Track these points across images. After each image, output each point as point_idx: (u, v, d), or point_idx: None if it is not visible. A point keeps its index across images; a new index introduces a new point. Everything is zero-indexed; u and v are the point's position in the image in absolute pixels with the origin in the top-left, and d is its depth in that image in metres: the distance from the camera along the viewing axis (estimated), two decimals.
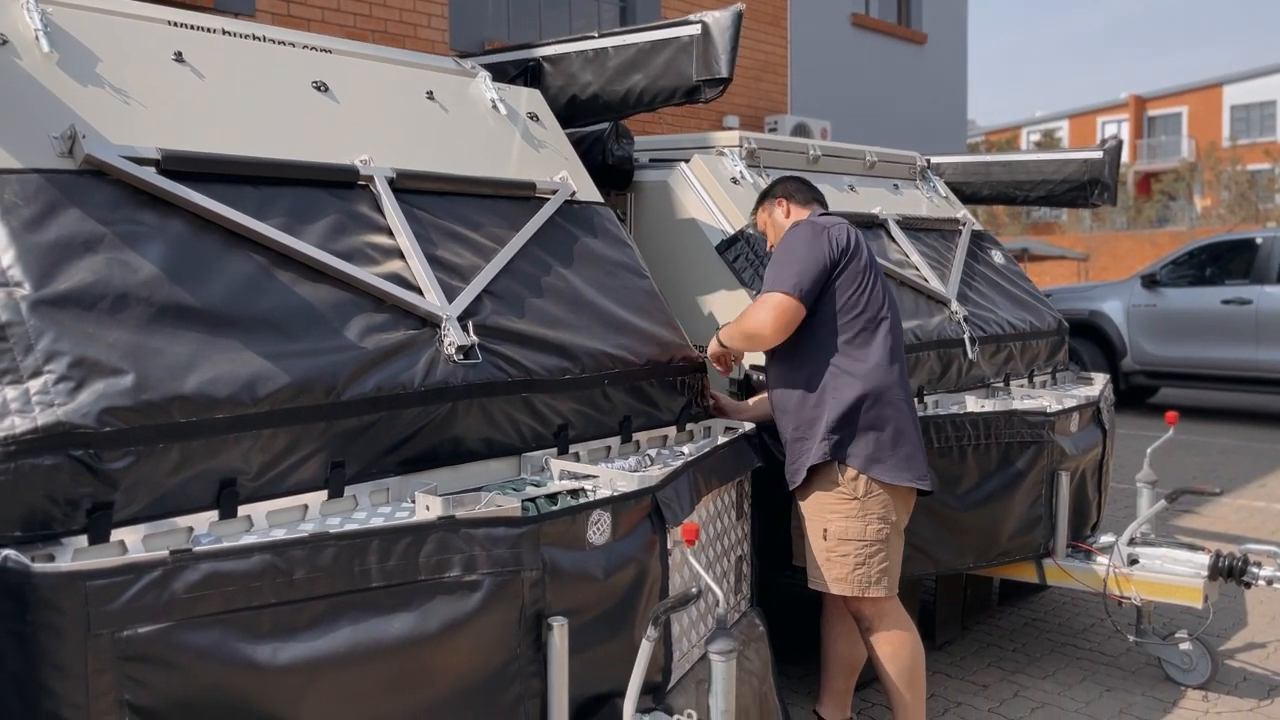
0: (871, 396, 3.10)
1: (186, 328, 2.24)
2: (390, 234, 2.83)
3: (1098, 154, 5.14)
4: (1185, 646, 4.03)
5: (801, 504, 3.23)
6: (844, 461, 3.11)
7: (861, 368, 3.11)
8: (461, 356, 2.69)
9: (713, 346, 3.39)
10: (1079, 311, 10.70)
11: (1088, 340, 10.74)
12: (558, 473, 2.81)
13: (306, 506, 2.39)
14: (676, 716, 2.36)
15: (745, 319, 3.18)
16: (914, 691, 3.22)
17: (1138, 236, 22.43)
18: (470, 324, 2.76)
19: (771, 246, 3.49)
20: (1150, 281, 10.56)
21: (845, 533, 3.12)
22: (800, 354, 3.17)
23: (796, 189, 3.47)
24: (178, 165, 2.47)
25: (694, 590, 2.28)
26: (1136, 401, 11.11)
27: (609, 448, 3.14)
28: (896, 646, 3.19)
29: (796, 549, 3.41)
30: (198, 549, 1.95)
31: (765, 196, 3.51)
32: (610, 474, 2.72)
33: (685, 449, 3.23)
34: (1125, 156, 41.46)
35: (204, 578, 1.94)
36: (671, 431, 3.37)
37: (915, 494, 3.22)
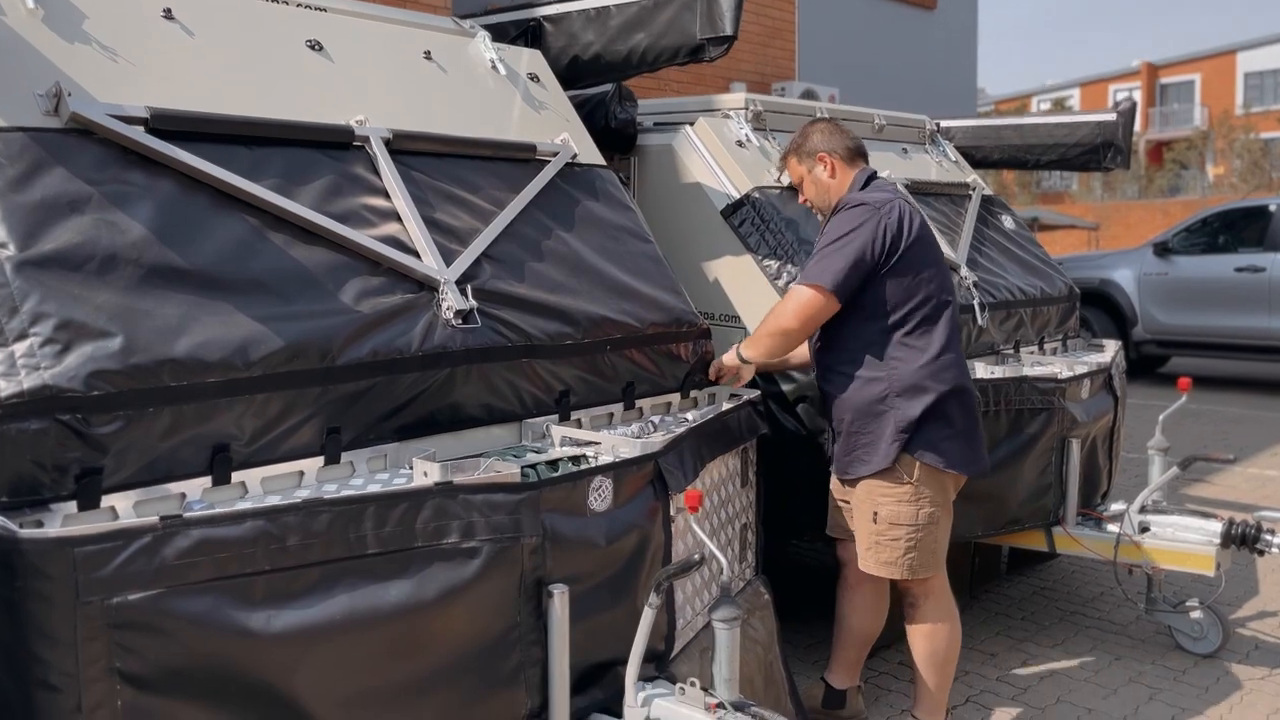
0: (938, 393, 3.02)
1: (176, 290, 2.19)
2: (386, 196, 2.77)
3: (1111, 116, 5.04)
4: (1196, 615, 3.99)
5: (848, 484, 3.17)
6: (905, 449, 3.04)
7: (925, 359, 3.01)
8: (460, 321, 2.63)
9: (728, 358, 3.29)
10: (1089, 280, 10.59)
11: (1098, 309, 10.64)
12: (559, 439, 2.76)
13: (302, 473, 2.35)
14: (679, 684, 2.32)
15: (772, 316, 3.12)
16: (942, 675, 3.17)
17: (1149, 205, 22.21)
18: (469, 288, 2.70)
19: (810, 205, 3.35)
20: (1162, 249, 10.44)
21: (897, 517, 3.05)
22: (857, 344, 3.08)
23: (840, 141, 3.28)
24: (167, 124, 2.41)
25: (696, 557, 2.24)
26: (1147, 371, 11.02)
27: (611, 415, 3.09)
28: (936, 628, 3.15)
29: (832, 520, 3.36)
30: (189, 515, 1.91)
31: (802, 147, 3.30)
32: (613, 440, 2.67)
33: (689, 416, 3.18)
34: (1137, 125, 41.13)
35: (195, 544, 1.90)
36: (675, 398, 3.32)
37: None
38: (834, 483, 3.32)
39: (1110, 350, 4.76)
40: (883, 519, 3.06)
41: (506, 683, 2.26)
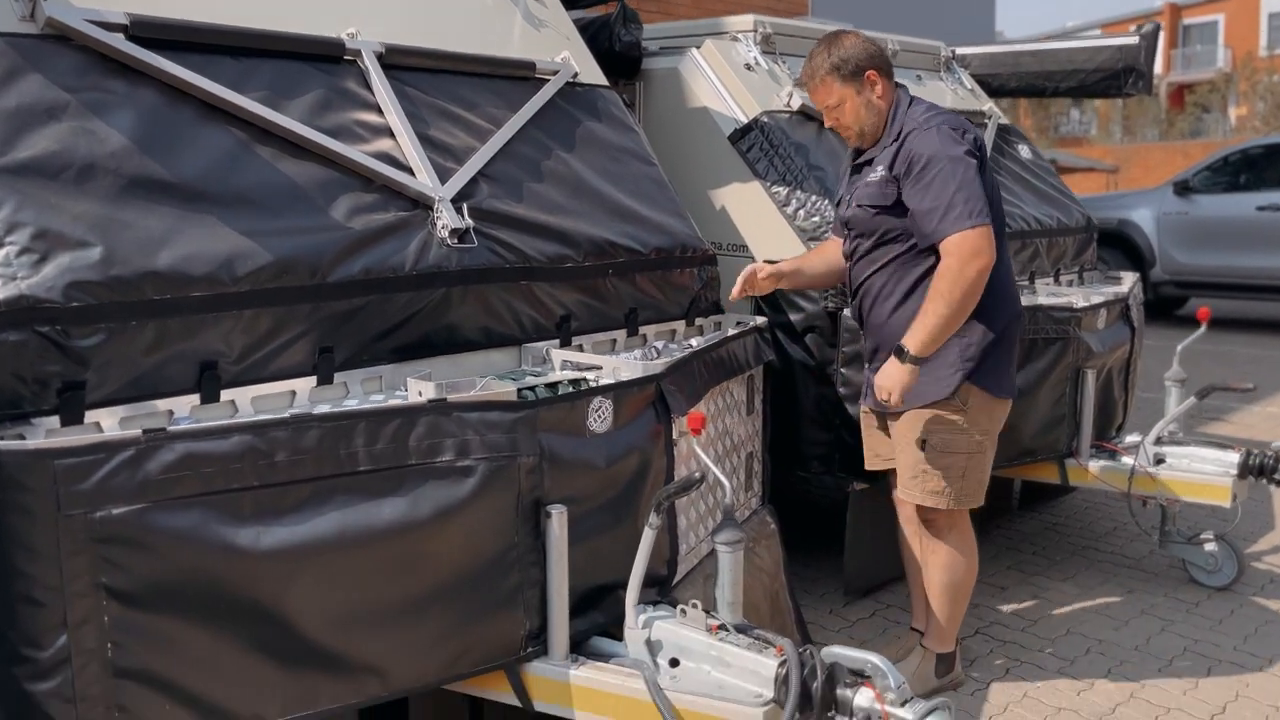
0: (1009, 316, 2.90)
1: (159, 202, 2.12)
2: (379, 112, 2.68)
3: (1133, 40, 4.87)
4: (1210, 548, 3.93)
5: (891, 414, 3.01)
6: (968, 378, 2.89)
7: (994, 285, 2.79)
8: (455, 240, 2.56)
9: (900, 376, 2.77)
10: (1107, 220, 10.39)
11: (1116, 250, 10.45)
12: (559, 363, 2.70)
13: (294, 392, 2.29)
14: (681, 606, 2.28)
15: (943, 285, 2.70)
16: (955, 608, 3.10)
17: (1169, 147, 21.81)
18: (465, 207, 2.62)
19: (844, 130, 2.97)
20: (1183, 188, 10.24)
21: (947, 445, 2.92)
22: (919, 269, 2.87)
23: (880, 54, 2.94)
24: (148, 32, 2.32)
25: (697, 475, 2.18)
26: (1165, 313, 10.86)
27: (614, 341, 3.02)
28: (955, 560, 3.06)
29: (871, 450, 3.23)
30: (173, 428, 1.86)
31: (845, 64, 2.88)
32: (614, 363, 2.60)
33: (694, 343, 3.11)
34: (1158, 68, 40.26)
35: (180, 458, 1.85)
36: (680, 326, 3.25)
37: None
38: (868, 414, 3.18)
39: (1128, 282, 4.66)
40: (932, 447, 2.92)
41: (504, 604, 2.22)
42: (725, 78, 3.96)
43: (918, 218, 2.79)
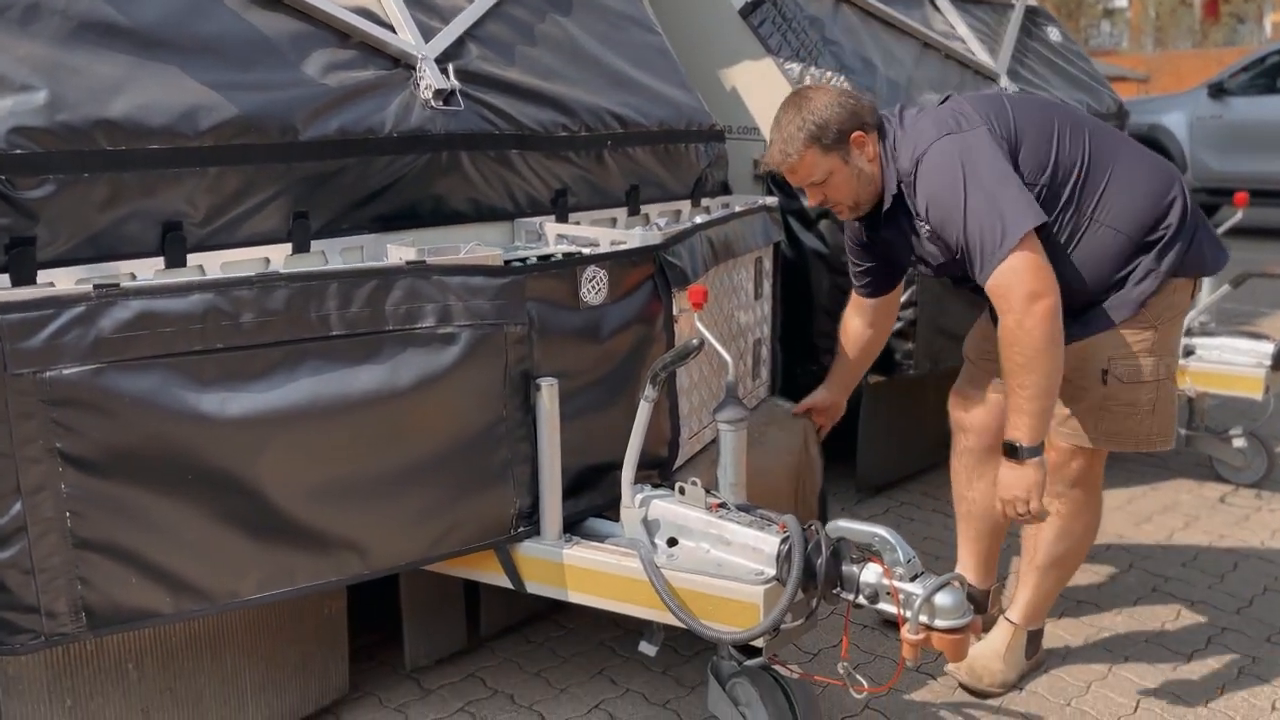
0: (1167, 175, 2.32)
1: (113, 47, 1.96)
2: None
3: None
4: (1239, 443, 3.77)
5: (1068, 346, 2.25)
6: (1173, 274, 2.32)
7: (1128, 203, 2.26)
8: (440, 103, 2.39)
9: (1030, 477, 2.18)
10: (1138, 125, 10.02)
11: None
12: (553, 238, 2.55)
13: (268, 259, 2.15)
14: (679, 485, 2.16)
15: (1016, 356, 2.13)
16: (1061, 582, 2.55)
17: (1203, 54, 21.05)
18: (450, 67, 2.45)
19: (834, 206, 2.43)
20: (1218, 91, 9.84)
21: (1137, 373, 2.32)
22: (1053, 255, 2.21)
23: (861, 104, 2.35)
24: None
25: (695, 342, 2.04)
26: None
27: (614, 219, 2.87)
28: (1076, 525, 2.45)
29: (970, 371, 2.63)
30: (126, 284, 1.73)
31: (824, 131, 2.30)
32: (611, 236, 2.45)
33: (699, 220, 2.94)
34: None
35: (136, 316, 1.73)
36: (685, 206, 3.08)
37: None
38: (994, 338, 2.35)
39: None
40: (1117, 378, 2.32)
41: (493, 480, 2.11)
42: None
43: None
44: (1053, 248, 2.22)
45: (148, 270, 1.97)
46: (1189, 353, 3.69)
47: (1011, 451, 2.18)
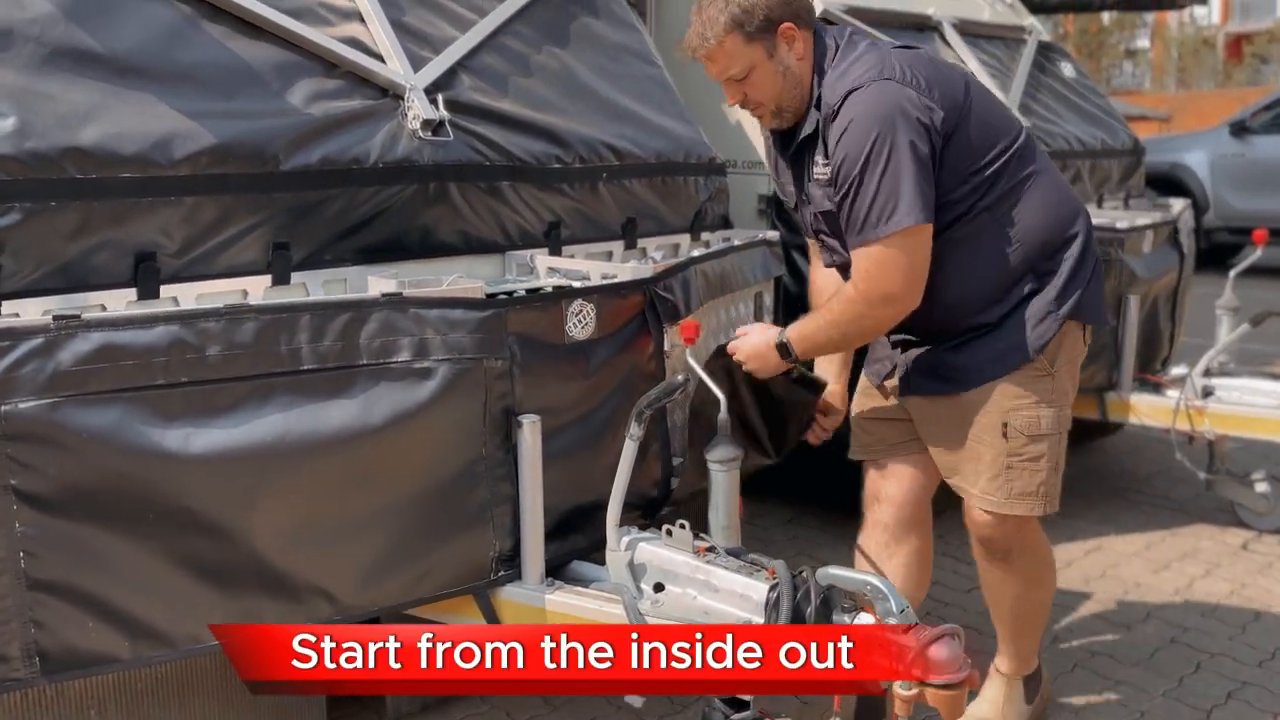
0: (1076, 210, 2.21)
1: (86, 75, 1.93)
2: None
3: None
4: (1262, 488, 3.65)
5: (961, 395, 2.20)
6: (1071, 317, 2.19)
7: (1037, 213, 2.14)
8: (429, 133, 2.34)
9: (764, 357, 2.24)
10: (1159, 164, 9.92)
11: (1167, 195, 10.00)
12: (544, 271, 2.48)
13: (246, 292, 2.10)
14: (666, 527, 2.07)
15: (851, 292, 2.08)
16: (1035, 627, 2.41)
17: (1225, 95, 20.97)
18: (440, 98, 2.40)
19: (755, 108, 2.16)
20: (1239, 129, 9.74)
21: (1036, 425, 2.16)
22: (946, 253, 2.10)
23: (798, 1, 2.10)
24: None
25: (680, 378, 1.96)
26: (1218, 260, 10.40)
27: (610, 253, 2.80)
28: (1036, 572, 2.34)
29: (870, 437, 2.41)
30: (88, 316, 1.67)
31: (749, 16, 2.04)
32: (604, 269, 2.38)
33: (696, 254, 2.88)
34: (1215, 18, 38.80)
35: (96, 349, 1.67)
36: (684, 240, 3.02)
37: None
38: (883, 404, 2.36)
39: (1177, 207, 4.34)
40: (1017, 430, 2.16)
41: (472, 522, 2.03)
42: None
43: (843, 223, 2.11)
44: (953, 236, 2.10)
45: (119, 302, 1.92)
46: (1208, 394, 3.58)
47: (783, 348, 2.19)
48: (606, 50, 2.95)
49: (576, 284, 2.29)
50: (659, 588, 2.06)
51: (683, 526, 2.07)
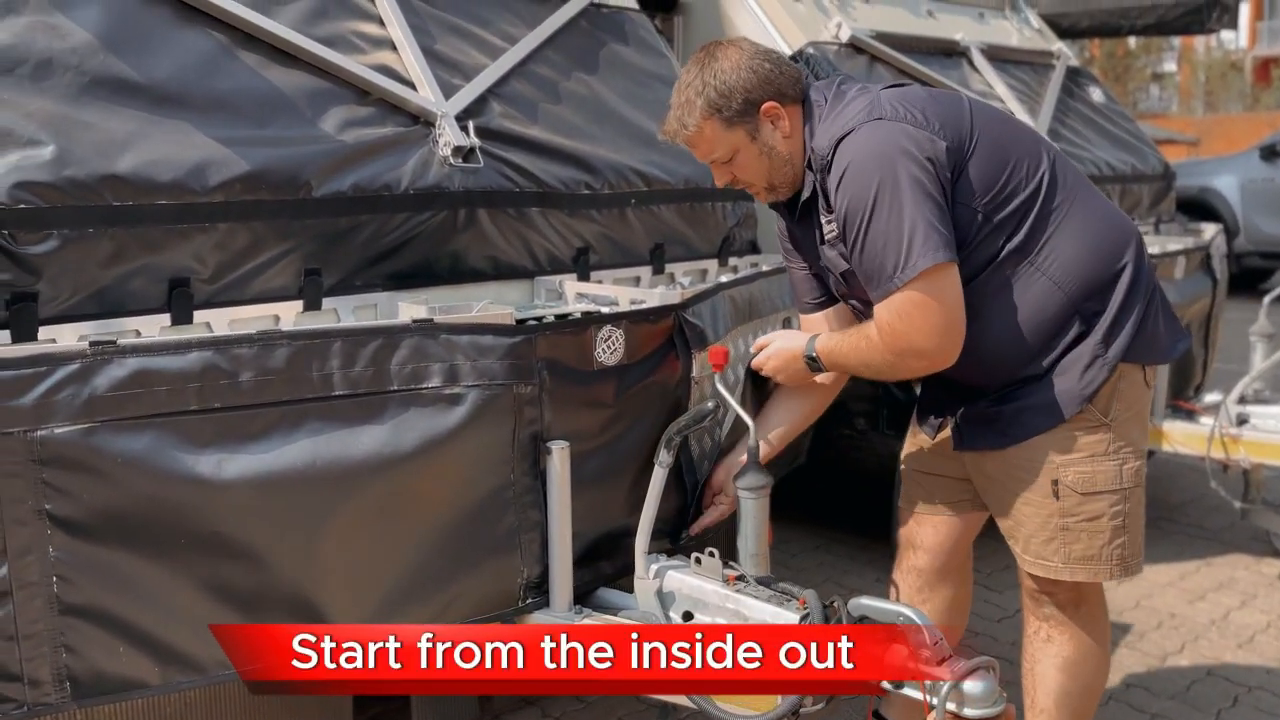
0: (1129, 236, 2.03)
1: (124, 103, 1.95)
2: (380, 24, 2.49)
3: None
4: None
5: (1009, 451, 2.05)
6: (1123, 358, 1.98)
7: (1076, 248, 1.96)
8: (460, 160, 2.35)
9: (792, 366, 2.15)
10: (1188, 188, 9.85)
11: (1196, 220, 9.92)
12: (573, 296, 2.49)
13: (278, 317, 2.12)
14: (695, 555, 2.06)
15: (876, 340, 1.93)
16: (1082, 716, 2.14)
17: (1254, 118, 20.85)
18: (471, 125, 2.42)
19: (749, 188, 2.10)
20: (1270, 153, 9.68)
21: (1091, 482, 1.99)
22: (982, 297, 1.94)
23: (777, 68, 1.97)
24: None
25: (710, 405, 1.95)
26: (1249, 285, 10.30)
27: (638, 278, 2.80)
28: (1084, 655, 2.10)
29: (920, 490, 2.27)
30: (123, 341, 1.69)
31: (727, 100, 1.95)
32: (631, 295, 2.38)
33: (725, 279, 2.87)
34: (1243, 41, 38.59)
35: (132, 375, 1.68)
36: (712, 265, 3.01)
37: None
38: (920, 437, 2.26)
39: (1209, 232, 4.30)
40: (1069, 488, 1.99)
41: (500, 548, 2.02)
42: (769, 8, 3.70)
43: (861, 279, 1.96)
44: (983, 286, 1.93)
45: (153, 327, 1.94)
46: (1242, 421, 3.53)
47: (811, 363, 2.09)
48: (635, 76, 2.96)
49: (605, 309, 2.29)
50: (688, 616, 2.04)
51: (711, 554, 2.06)
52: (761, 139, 1.98)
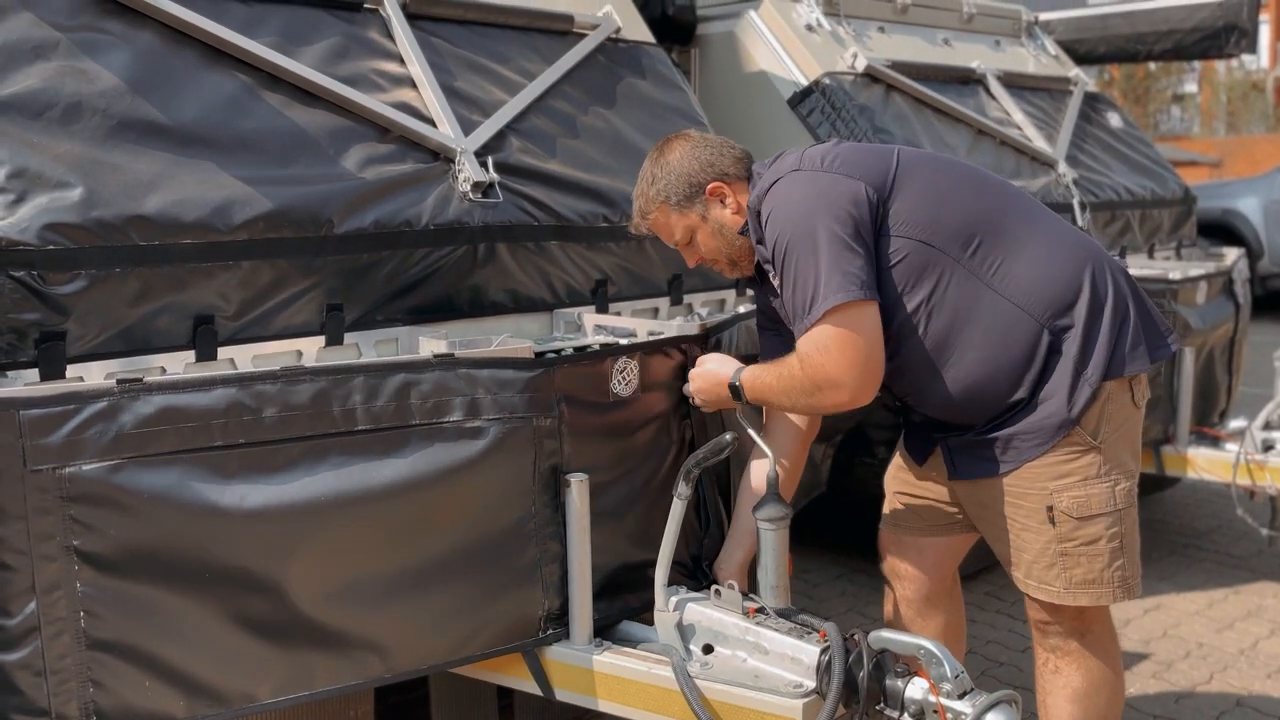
0: (1085, 256, 2.04)
1: (150, 145, 1.99)
2: (401, 62, 2.53)
3: None
4: None
5: (1001, 479, 2.07)
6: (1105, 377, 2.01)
7: (1031, 273, 2.00)
8: (479, 195, 2.39)
9: (716, 391, 2.16)
10: (1211, 210, 9.80)
11: (1219, 242, 9.84)
12: (591, 328, 2.50)
13: (300, 353, 2.15)
14: (715, 587, 2.06)
15: (798, 370, 1.97)
16: None
17: (1277, 139, 20.73)
18: (490, 160, 2.45)
19: (713, 263, 2.24)
20: None
21: (1086, 506, 2.01)
22: (947, 330, 2.01)
23: (720, 151, 2.15)
24: None
25: (728, 437, 1.96)
26: (1274, 307, 10.21)
27: (656, 309, 2.82)
28: (1093, 682, 2.08)
29: (905, 517, 2.33)
30: (150, 379, 1.71)
31: (676, 187, 2.13)
32: (648, 327, 2.40)
33: (742, 310, 2.88)
34: (1265, 62, 38.42)
35: (158, 412, 1.70)
36: (730, 295, 3.03)
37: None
38: (922, 482, 2.28)
39: (1232, 256, 4.28)
40: (1064, 514, 2.01)
41: (521, 580, 2.03)
42: (785, 39, 3.73)
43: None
44: (932, 316, 2.00)
45: (178, 364, 1.97)
46: (1269, 447, 3.49)
47: (734, 391, 2.10)
48: (652, 109, 2.99)
49: (623, 341, 2.30)
50: (708, 649, 2.04)
51: (731, 586, 2.06)
52: (712, 218, 2.16)
